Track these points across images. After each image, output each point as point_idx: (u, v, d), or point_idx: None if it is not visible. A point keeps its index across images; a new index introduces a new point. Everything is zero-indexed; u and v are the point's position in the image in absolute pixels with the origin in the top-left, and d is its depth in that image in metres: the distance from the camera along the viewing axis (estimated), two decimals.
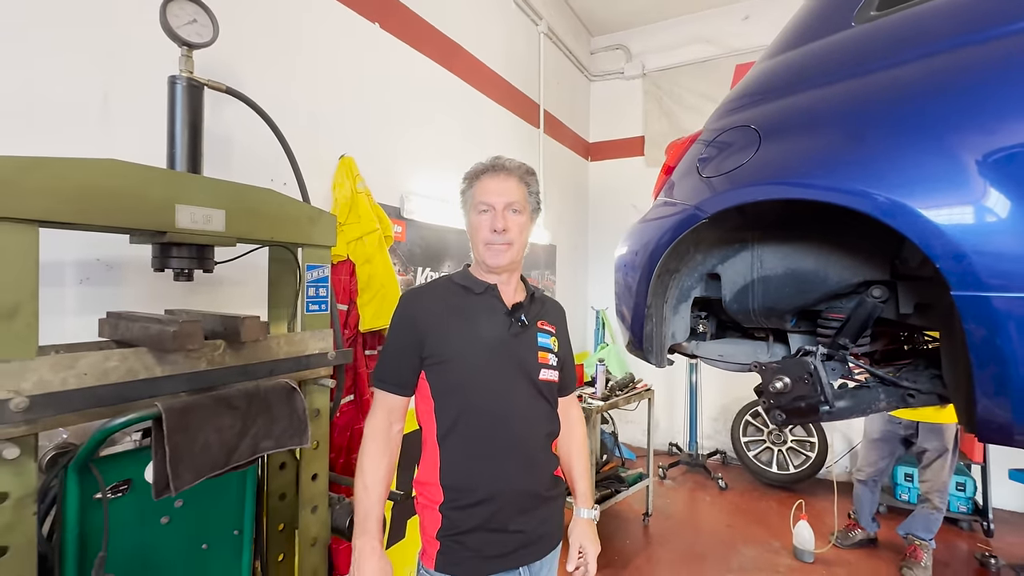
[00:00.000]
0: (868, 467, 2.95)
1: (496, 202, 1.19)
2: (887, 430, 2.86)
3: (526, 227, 1.25)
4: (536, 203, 1.28)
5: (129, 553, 1.12)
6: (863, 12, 1.22)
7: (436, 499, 1.16)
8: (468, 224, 1.26)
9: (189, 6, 1.21)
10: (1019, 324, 0.86)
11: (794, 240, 1.32)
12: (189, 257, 1.22)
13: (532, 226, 1.28)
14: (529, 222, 1.26)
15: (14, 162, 0.89)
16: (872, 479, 2.96)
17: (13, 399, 0.87)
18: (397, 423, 1.21)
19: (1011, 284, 0.86)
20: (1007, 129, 0.89)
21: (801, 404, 1.27)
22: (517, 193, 1.22)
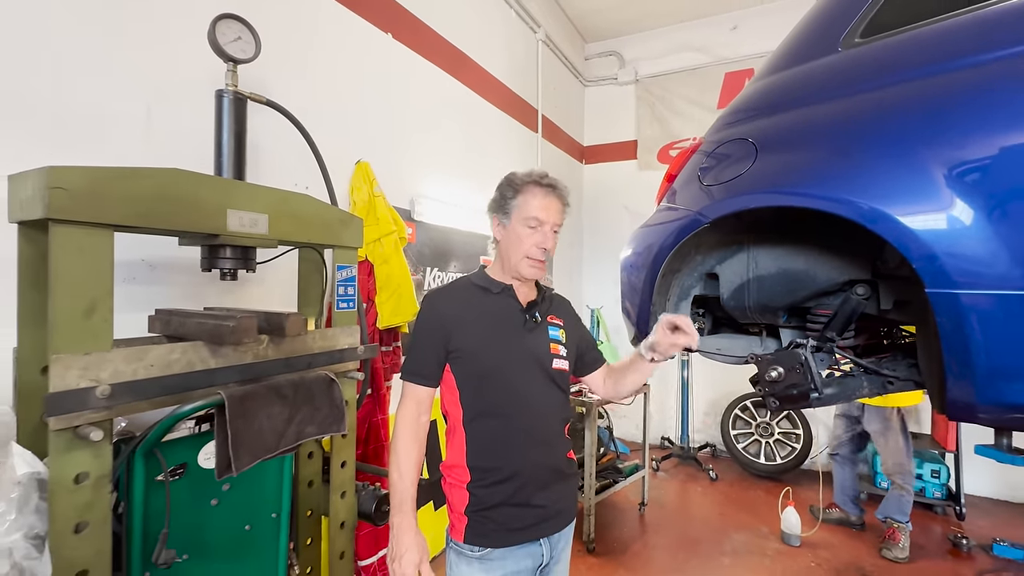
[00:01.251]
0: (834, 440, 3.26)
1: (548, 220, 1.26)
2: (845, 407, 3.16)
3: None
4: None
5: (184, 532, 1.21)
6: (848, 39, 1.35)
7: (464, 479, 1.25)
8: (507, 231, 1.30)
9: (235, 24, 1.31)
10: (982, 317, 1.00)
11: (786, 243, 1.46)
12: (235, 258, 1.32)
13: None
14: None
15: (94, 172, 0.98)
16: (840, 455, 3.22)
17: (98, 387, 0.96)
18: (425, 413, 1.29)
19: (976, 282, 1.00)
20: (971, 147, 1.03)
21: (794, 391, 1.40)
22: (561, 216, 1.30)
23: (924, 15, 1.22)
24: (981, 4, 1.12)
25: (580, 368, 1.47)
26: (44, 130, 1.29)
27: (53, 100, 1.30)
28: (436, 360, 1.27)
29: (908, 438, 2.94)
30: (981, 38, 1.09)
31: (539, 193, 1.26)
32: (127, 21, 1.44)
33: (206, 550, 1.27)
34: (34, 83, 1.27)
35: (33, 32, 1.27)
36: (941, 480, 3.35)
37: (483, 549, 1.21)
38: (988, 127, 1.02)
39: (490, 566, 1.21)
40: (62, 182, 0.93)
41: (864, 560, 2.79)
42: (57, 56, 1.31)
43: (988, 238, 0.99)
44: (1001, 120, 1.00)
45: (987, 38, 1.08)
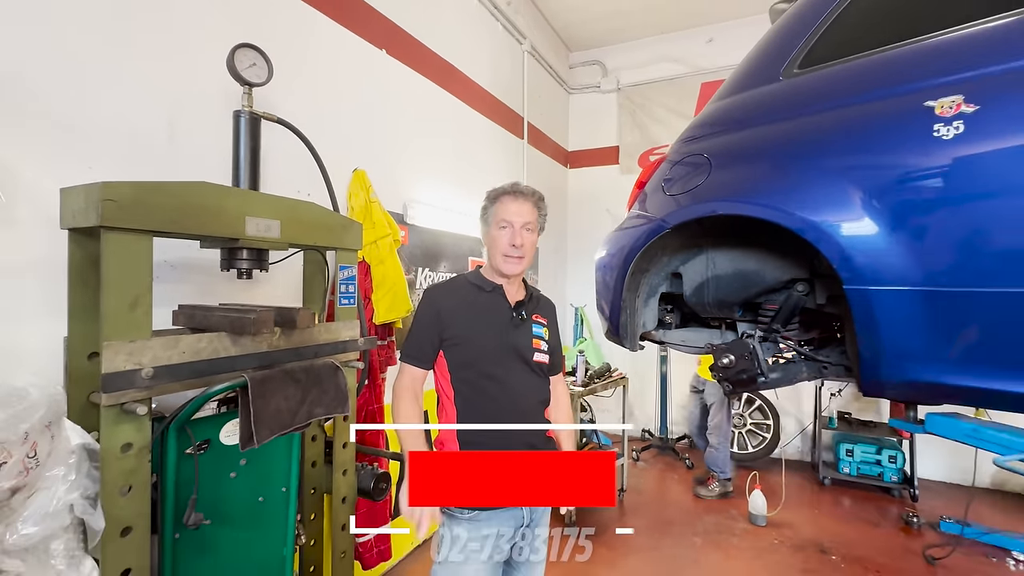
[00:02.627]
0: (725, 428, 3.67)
1: (515, 221, 1.45)
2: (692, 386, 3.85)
3: (535, 243, 1.53)
4: (543, 223, 1.56)
5: (207, 500, 1.37)
6: (788, 69, 1.56)
7: (453, 450, 1.44)
8: (487, 236, 1.52)
9: (251, 52, 1.47)
10: (886, 309, 1.21)
11: (740, 246, 1.66)
12: (251, 259, 1.49)
13: (537, 242, 1.57)
14: (537, 239, 1.55)
15: (138, 186, 1.15)
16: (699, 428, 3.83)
17: (143, 369, 1.13)
18: (419, 387, 1.47)
19: (882, 280, 1.21)
20: (877, 169, 1.24)
21: (743, 376, 1.61)
22: (531, 215, 1.48)
23: (848, 52, 1.43)
24: (889, 46, 1.33)
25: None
26: (82, 147, 1.44)
27: (85, 119, 1.45)
28: (431, 345, 1.46)
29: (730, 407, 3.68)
30: (888, 76, 1.31)
31: (508, 200, 1.47)
32: (148, 42, 1.60)
33: (226, 517, 1.44)
34: (68, 106, 1.42)
35: (69, 59, 1.42)
36: (897, 465, 3.61)
37: (472, 511, 1.39)
38: (889, 153, 1.23)
39: (478, 526, 1.39)
40: (112, 195, 1.09)
41: (823, 537, 3.03)
42: (88, 79, 1.46)
43: (891, 244, 1.20)
44: (899, 148, 1.21)
45: (893, 76, 1.30)
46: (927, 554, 2.80)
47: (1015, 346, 1.07)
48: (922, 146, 1.17)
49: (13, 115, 1.30)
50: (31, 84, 1.34)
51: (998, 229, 1.09)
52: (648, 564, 2.72)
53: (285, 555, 1.63)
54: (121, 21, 1.53)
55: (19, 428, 1.08)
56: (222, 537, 1.43)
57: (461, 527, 1.40)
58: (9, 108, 1.30)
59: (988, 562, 2.76)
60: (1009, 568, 2.71)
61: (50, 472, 1.08)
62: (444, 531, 1.43)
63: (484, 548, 1.39)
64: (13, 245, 1.28)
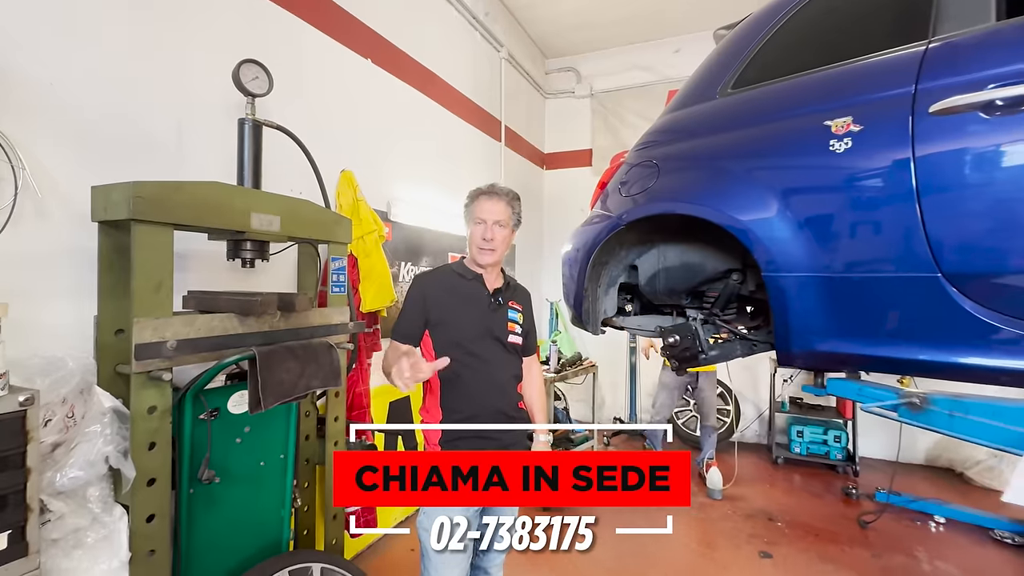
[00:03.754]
0: (664, 410, 3.84)
1: (488, 218, 1.64)
2: (681, 380, 3.80)
3: (508, 237, 1.70)
4: (518, 219, 1.73)
5: (216, 462, 1.56)
6: (723, 89, 1.81)
7: (437, 416, 1.63)
8: (468, 231, 1.71)
9: (254, 67, 1.67)
10: (792, 292, 1.46)
11: (687, 242, 1.91)
12: (254, 250, 1.68)
13: (513, 236, 1.76)
14: (511, 233, 1.72)
15: (162, 185, 1.34)
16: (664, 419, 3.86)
17: (168, 342, 1.32)
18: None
19: (788, 268, 1.46)
20: (787, 176, 1.50)
21: (687, 353, 1.86)
22: (503, 213, 1.67)
23: (770, 77, 1.68)
24: (801, 73, 1.58)
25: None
26: (102, 149, 1.61)
27: (104, 124, 1.62)
28: (417, 326, 1.63)
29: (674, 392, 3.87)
30: (798, 98, 1.56)
31: (483, 199, 1.68)
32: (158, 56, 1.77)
33: (232, 478, 1.63)
34: (90, 113, 1.59)
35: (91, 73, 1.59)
36: (842, 444, 3.96)
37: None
38: (796, 164, 1.49)
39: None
40: (142, 192, 1.28)
41: (772, 507, 3.34)
42: (107, 89, 1.63)
43: (796, 239, 1.45)
44: (803, 160, 1.47)
45: (802, 98, 1.55)
46: (860, 519, 3.12)
47: (882, 320, 1.34)
48: (820, 158, 1.43)
49: (46, 120, 1.47)
50: (62, 92, 1.51)
51: (872, 227, 1.35)
52: (611, 533, 2.96)
53: (283, 515, 1.82)
54: (133, 35, 1.70)
55: (60, 392, 1.27)
56: (228, 495, 1.62)
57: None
58: (42, 113, 1.46)
59: (913, 525, 3.10)
60: (930, 529, 3.05)
61: (88, 429, 1.26)
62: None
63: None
64: (46, 235, 1.44)
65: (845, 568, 2.63)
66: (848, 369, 1.60)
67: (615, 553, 2.76)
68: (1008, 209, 1.16)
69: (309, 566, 1.64)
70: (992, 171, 1.18)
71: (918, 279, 1.27)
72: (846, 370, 1.62)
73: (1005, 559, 2.75)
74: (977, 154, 1.20)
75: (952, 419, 1.25)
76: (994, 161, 1.18)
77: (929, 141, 1.24)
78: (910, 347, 1.32)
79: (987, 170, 1.19)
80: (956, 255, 1.22)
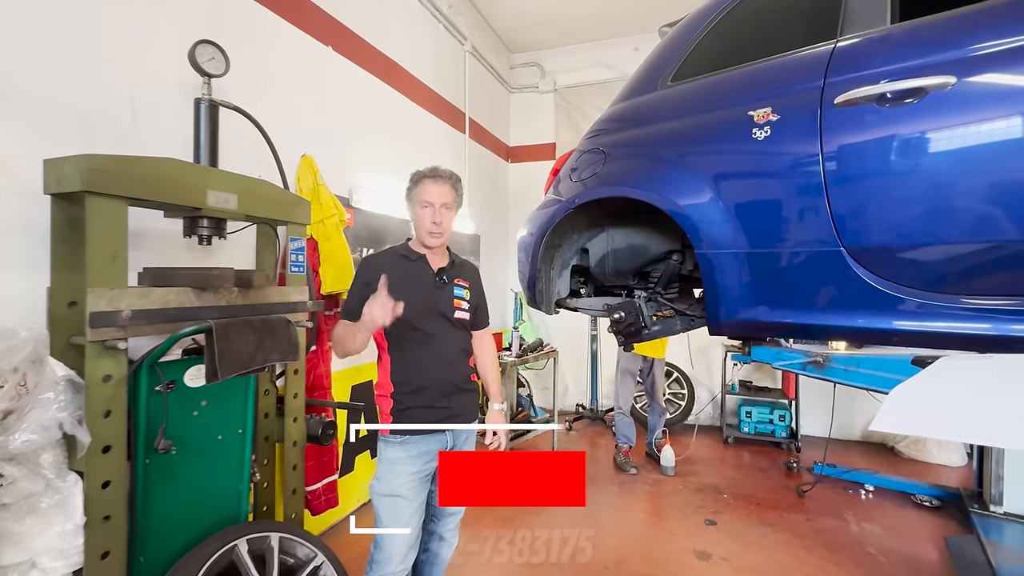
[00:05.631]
0: (629, 397, 3.95)
1: (435, 201, 1.70)
2: (637, 365, 3.91)
3: (453, 218, 1.79)
4: (461, 201, 1.81)
5: (173, 434, 1.59)
6: (664, 81, 1.93)
7: (388, 390, 1.71)
8: (413, 213, 1.77)
9: (210, 47, 1.70)
10: (720, 268, 1.59)
11: (632, 225, 2.04)
12: (211, 228, 1.71)
13: (455, 216, 1.82)
14: (455, 214, 1.80)
15: (116, 159, 1.37)
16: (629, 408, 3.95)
17: (123, 311, 1.35)
18: None
19: (716, 245, 1.59)
20: (715, 162, 1.63)
21: (631, 329, 1.99)
22: (449, 195, 1.74)
23: (706, 71, 1.82)
24: (730, 68, 1.72)
25: (472, 324, 1.88)
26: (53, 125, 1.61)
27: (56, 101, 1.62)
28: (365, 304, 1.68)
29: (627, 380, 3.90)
30: (727, 90, 1.70)
31: (428, 183, 1.72)
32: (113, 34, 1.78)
33: (189, 451, 1.66)
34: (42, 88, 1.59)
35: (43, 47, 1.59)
36: (786, 423, 4.22)
37: (404, 436, 1.68)
38: (722, 150, 1.63)
39: (409, 447, 1.68)
40: (96, 165, 1.31)
41: (720, 482, 3.55)
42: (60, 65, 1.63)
43: (723, 218, 1.59)
44: (728, 146, 1.61)
45: (730, 90, 1.69)
46: (799, 489, 3.36)
47: (795, 290, 1.49)
48: (744, 144, 1.56)
49: None
50: (10, 68, 1.50)
51: (786, 206, 1.49)
52: (568, 508, 3.10)
53: (241, 489, 1.86)
54: (85, 12, 1.70)
55: (11, 360, 1.28)
56: (186, 467, 1.66)
57: (394, 449, 1.68)
58: None
59: (845, 493, 3.36)
60: (860, 497, 3.31)
61: (42, 396, 1.28)
62: (380, 455, 1.71)
63: (413, 464, 1.68)
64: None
65: (782, 530, 2.84)
66: (769, 335, 1.76)
67: (568, 525, 2.89)
68: (895, 190, 1.32)
69: (267, 535, 1.69)
70: (884, 157, 1.34)
71: (824, 253, 1.43)
72: (768, 336, 1.77)
73: (923, 520, 3.02)
74: (872, 141, 1.36)
75: (847, 372, 1.42)
76: (886, 147, 1.34)
77: (834, 129, 1.39)
78: (818, 314, 1.47)
79: (880, 156, 1.35)
80: (855, 231, 1.38)
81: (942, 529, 2.89)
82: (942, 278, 1.28)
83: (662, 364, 4.00)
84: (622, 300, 2.20)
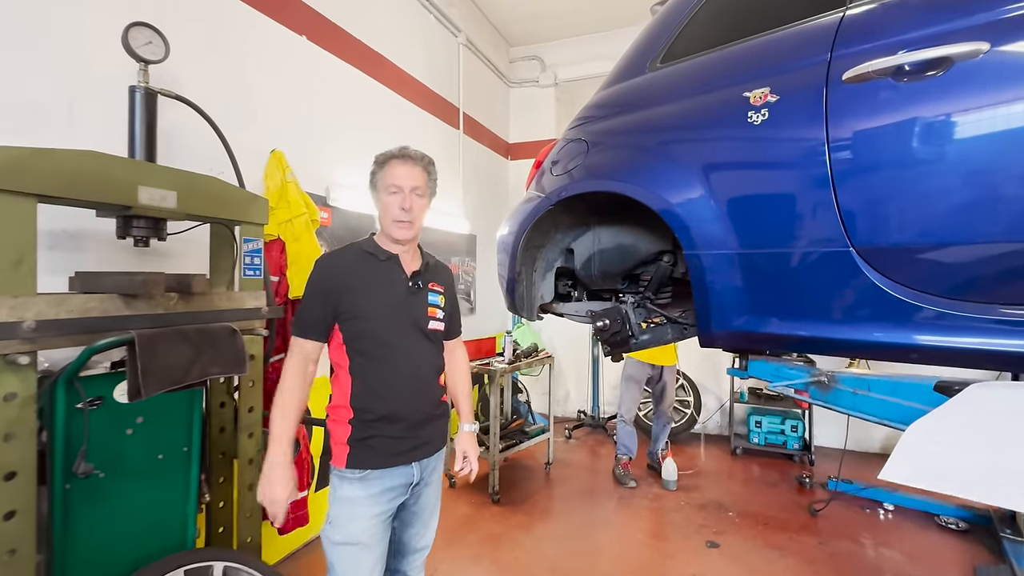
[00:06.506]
0: (633, 406, 3.69)
1: (404, 185, 1.42)
2: (645, 373, 3.67)
3: (425, 208, 1.51)
4: (434, 188, 1.53)
5: (102, 455, 1.44)
6: (652, 64, 1.74)
7: (346, 415, 1.43)
8: (378, 201, 1.48)
9: (146, 31, 1.55)
10: (711, 271, 1.39)
11: (620, 223, 1.85)
12: (147, 228, 1.56)
13: (429, 207, 1.55)
14: (428, 204, 1.52)
15: (21, 151, 1.22)
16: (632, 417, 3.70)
17: (24, 322, 1.20)
18: (311, 365, 1.43)
19: (706, 245, 1.40)
20: (705, 152, 1.43)
21: (617, 338, 1.80)
22: (421, 179, 1.46)
23: (698, 49, 1.61)
24: (725, 45, 1.51)
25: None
26: None
27: None
28: (324, 318, 1.42)
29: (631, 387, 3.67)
30: (720, 70, 1.50)
31: (396, 164, 1.45)
32: (46, 20, 1.64)
33: (122, 472, 1.51)
34: None
35: None
36: (799, 434, 3.96)
37: (363, 471, 1.40)
38: (713, 139, 1.43)
39: (369, 484, 1.41)
40: None
41: (726, 497, 3.32)
42: None
43: (714, 214, 1.39)
44: (720, 134, 1.41)
45: (723, 70, 1.49)
46: (811, 507, 3.11)
47: (796, 298, 1.29)
48: (738, 130, 1.37)
49: None
50: None
51: (785, 200, 1.29)
52: (560, 526, 2.91)
53: (188, 512, 1.71)
54: None
55: None
56: (119, 490, 1.51)
57: (351, 487, 1.41)
58: None
59: (862, 513, 3.11)
60: (879, 516, 3.06)
61: None
62: (333, 493, 1.44)
63: (375, 504, 1.42)
64: None
65: (791, 555, 2.61)
66: (767, 348, 1.55)
67: (559, 545, 2.70)
68: (915, 180, 1.11)
69: (210, 565, 1.54)
70: (902, 140, 1.13)
71: (830, 254, 1.23)
72: (766, 349, 1.57)
73: (947, 544, 2.76)
74: (888, 123, 1.15)
75: (855, 397, 1.21)
76: (904, 129, 1.13)
77: (842, 110, 1.19)
78: (823, 324, 1.27)
79: (897, 140, 1.14)
80: (866, 228, 1.17)
81: (970, 556, 2.63)
82: (973, 283, 1.07)
83: (673, 371, 3.78)
84: (607, 306, 2.01)
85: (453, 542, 2.63)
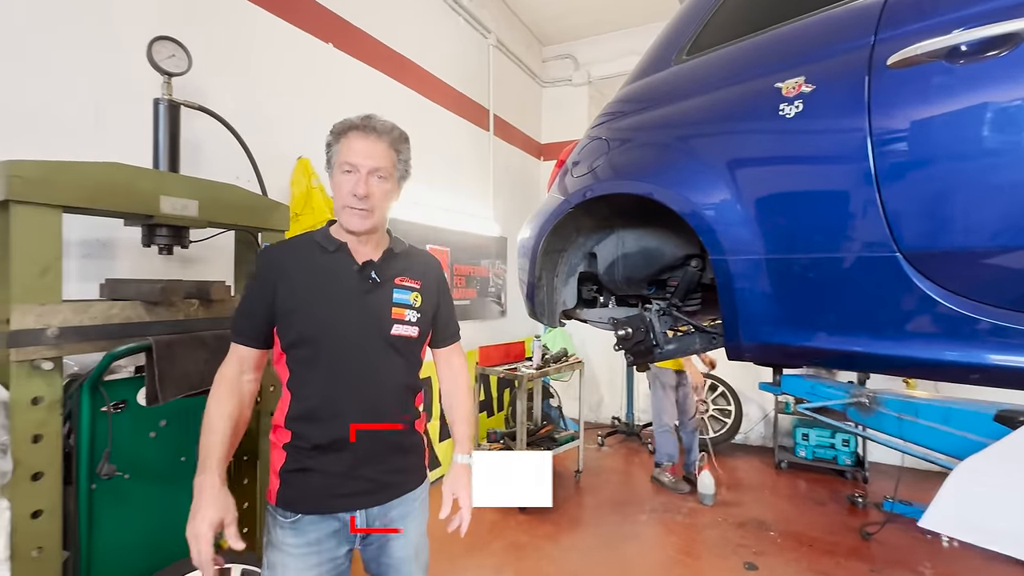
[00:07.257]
0: (673, 411, 3.54)
1: (361, 164, 1.13)
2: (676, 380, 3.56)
3: (390, 195, 1.20)
4: (405, 170, 1.24)
5: (126, 456, 1.49)
6: (679, 56, 1.64)
7: (283, 439, 1.17)
8: (331, 181, 1.20)
9: (170, 44, 1.59)
10: (740, 278, 1.29)
11: (645, 226, 1.76)
12: (170, 236, 1.60)
13: (398, 194, 1.25)
14: (395, 189, 1.22)
15: (47, 165, 1.27)
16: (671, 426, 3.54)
17: (49, 329, 1.25)
18: (248, 372, 1.18)
19: (734, 249, 1.29)
20: (734, 149, 1.32)
21: (641, 347, 1.71)
22: (385, 159, 1.16)
23: (728, 39, 1.51)
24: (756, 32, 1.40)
25: (432, 339, 1.37)
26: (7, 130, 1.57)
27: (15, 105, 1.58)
28: (262, 319, 1.17)
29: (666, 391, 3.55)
30: (751, 60, 1.38)
31: (355, 136, 1.16)
32: (77, 32, 1.72)
33: (146, 473, 1.56)
34: None
35: None
36: (850, 448, 3.68)
37: (295, 515, 1.14)
38: (742, 135, 1.32)
39: (302, 532, 1.14)
40: (19, 171, 1.21)
41: (768, 515, 3.12)
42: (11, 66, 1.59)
43: (743, 216, 1.29)
44: (750, 130, 1.30)
45: (754, 60, 1.37)
46: (863, 530, 2.88)
47: (834, 308, 1.16)
48: (769, 124, 1.25)
49: None
50: None
51: (822, 199, 1.17)
52: (588, 538, 2.82)
53: None
54: (51, 11, 1.65)
55: None
56: (143, 491, 1.55)
57: (283, 532, 1.15)
58: None
59: (922, 538, 2.84)
60: (942, 543, 2.78)
61: None
62: (266, 534, 1.21)
63: (310, 555, 1.14)
64: None
65: None
66: (801, 363, 1.42)
67: (586, 557, 2.61)
68: (973, 175, 0.98)
69: (228, 568, 1.56)
70: (958, 131, 1.00)
71: (874, 259, 1.10)
72: (800, 364, 1.43)
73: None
74: (941, 111, 1.02)
75: (901, 423, 1.07)
76: (961, 119, 0.99)
77: (888, 99, 1.07)
78: (864, 338, 1.14)
79: (953, 130, 1.01)
80: (916, 230, 1.04)
81: None
82: None
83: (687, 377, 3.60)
84: (630, 314, 1.91)
85: (476, 549, 2.60)
